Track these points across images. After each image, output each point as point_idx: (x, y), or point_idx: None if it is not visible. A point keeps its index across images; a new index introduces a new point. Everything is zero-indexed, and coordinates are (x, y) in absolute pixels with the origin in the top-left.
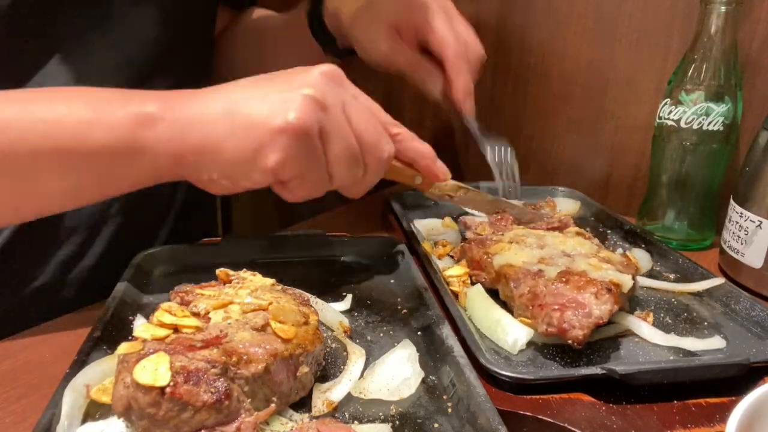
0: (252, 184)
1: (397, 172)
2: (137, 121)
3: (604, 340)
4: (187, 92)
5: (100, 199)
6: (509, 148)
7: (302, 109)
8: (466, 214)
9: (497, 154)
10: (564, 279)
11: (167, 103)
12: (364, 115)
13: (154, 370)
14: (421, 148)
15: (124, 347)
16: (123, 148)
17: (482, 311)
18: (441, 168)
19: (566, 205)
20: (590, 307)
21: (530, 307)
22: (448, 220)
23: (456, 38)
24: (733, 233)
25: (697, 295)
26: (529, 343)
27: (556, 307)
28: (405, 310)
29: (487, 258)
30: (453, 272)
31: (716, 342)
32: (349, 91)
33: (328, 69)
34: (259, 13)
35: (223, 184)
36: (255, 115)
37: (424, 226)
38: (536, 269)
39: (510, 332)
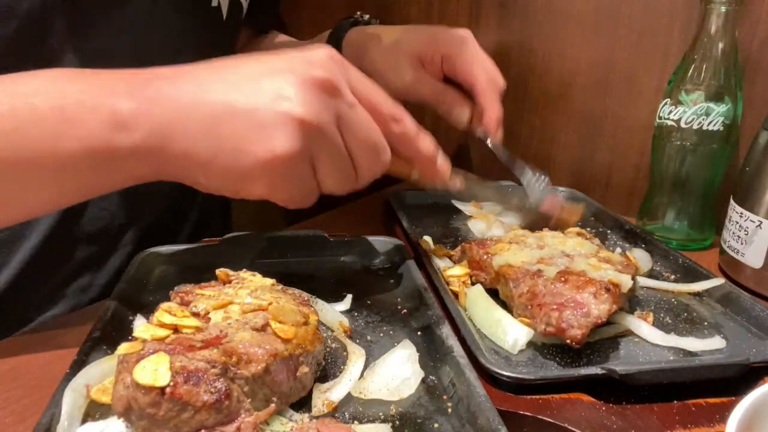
0: (240, 197)
1: (394, 169)
2: (110, 126)
3: (604, 340)
4: (167, 83)
5: (82, 200)
6: (544, 175)
7: (291, 137)
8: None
9: (533, 179)
10: (563, 279)
11: (143, 101)
12: (361, 127)
13: (154, 370)
14: (422, 148)
15: (124, 347)
16: (98, 156)
17: (482, 311)
18: (441, 168)
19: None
20: (589, 306)
21: (529, 307)
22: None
23: (485, 68)
24: (733, 233)
25: (697, 295)
26: (529, 343)
27: (555, 306)
28: (405, 310)
29: (487, 258)
30: (454, 272)
31: (716, 342)
32: (346, 98)
33: (322, 76)
34: (281, 38)
35: (212, 191)
36: (240, 140)
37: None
38: (535, 269)
39: (510, 332)
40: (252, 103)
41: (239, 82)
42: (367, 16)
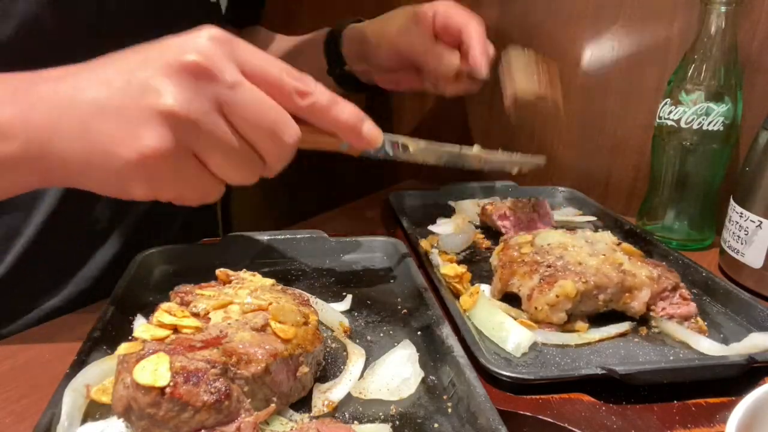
0: (138, 199)
1: (315, 143)
2: None
3: (604, 340)
4: (50, 85)
5: None
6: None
7: (158, 133)
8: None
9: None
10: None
11: (23, 108)
12: (249, 106)
13: (154, 371)
14: (341, 117)
15: (124, 347)
16: None
17: (485, 313)
18: (369, 134)
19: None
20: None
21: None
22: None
23: (477, 22)
24: (733, 233)
25: (698, 295)
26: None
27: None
28: (405, 310)
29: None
30: (447, 271)
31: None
32: (226, 79)
33: (194, 59)
34: (265, 33)
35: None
36: (109, 142)
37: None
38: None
39: (512, 336)
40: (119, 101)
41: (112, 79)
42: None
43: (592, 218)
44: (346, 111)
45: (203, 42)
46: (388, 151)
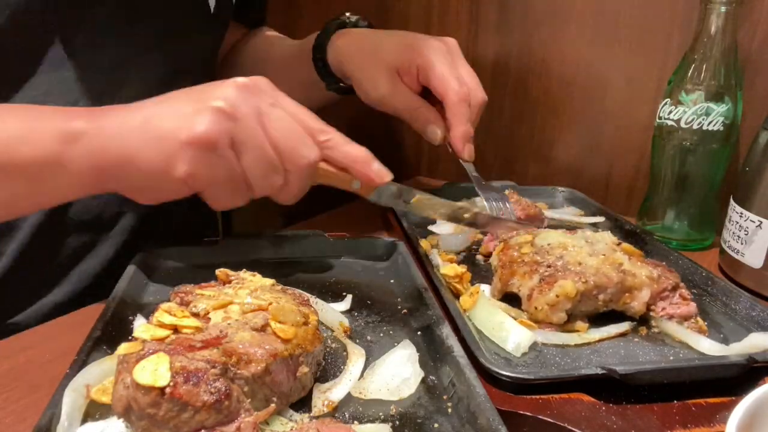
0: (170, 195)
1: (330, 177)
2: (62, 137)
3: (604, 340)
4: (114, 107)
5: (34, 210)
6: (506, 199)
7: (209, 120)
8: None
9: (494, 205)
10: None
11: (93, 119)
12: (282, 122)
13: (154, 371)
14: (354, 152)
15: (124, 347)
16: (49, 162)
17: (485, 313)
18: (378, 170)
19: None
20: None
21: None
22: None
23: (459, 82)
24: (733, 233)
25: (698, 295)
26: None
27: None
28: (405, 310)
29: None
30: (447, 271)
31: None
32: (266, 99)
33: (245, 80)
34: (270, 33)
35: (146, 195)
36: (165, 128)
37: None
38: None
39: (512, 336)
40: (179, 104)
41: (175, 96)
42: (355, 18)
43: (599, 219)
44: (358, 149)
45: (254, 78)
46: (391, 194)
